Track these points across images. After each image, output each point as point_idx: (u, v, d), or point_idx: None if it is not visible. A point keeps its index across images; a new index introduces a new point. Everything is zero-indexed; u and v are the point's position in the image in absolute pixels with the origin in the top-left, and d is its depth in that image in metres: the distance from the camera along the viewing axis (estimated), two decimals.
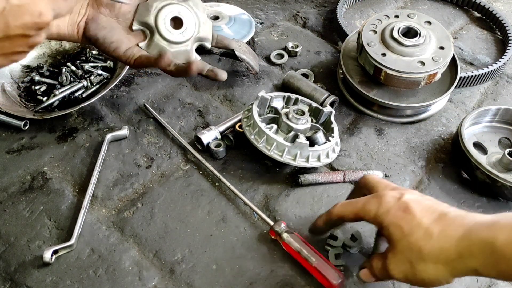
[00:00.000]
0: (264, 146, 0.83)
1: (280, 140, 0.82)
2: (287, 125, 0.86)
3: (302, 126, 0.86)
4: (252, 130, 0.85)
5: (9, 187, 0.85)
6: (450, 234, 0.59)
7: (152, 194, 0.85)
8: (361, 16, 1.31)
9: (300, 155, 0.83)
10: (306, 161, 0.84)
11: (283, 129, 0.86)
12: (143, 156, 0.91)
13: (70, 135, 0.94)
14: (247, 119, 0.87)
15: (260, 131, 0.83)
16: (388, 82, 0.95)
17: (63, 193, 0.84)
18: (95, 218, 0.81)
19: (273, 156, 0.82)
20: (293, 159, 0.83)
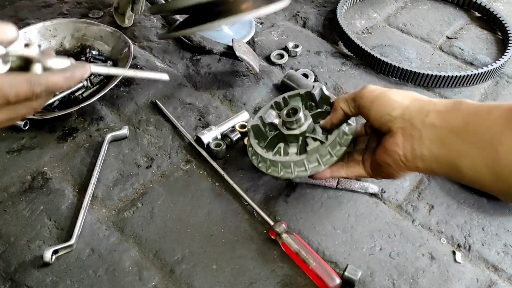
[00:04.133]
0: (285, 172, 0.75)
1: (294, 158, 0.74)
2: (290, 135, 0.77)
3: (303, 126, 0.76)
4: (265, 163, 0.77)
5: (9, 187, 0.85)
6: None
7: (152, 194, 0.85)
8: (361, 16, 1.31)
9: (321, 156, 0.74)
10: (331, 156, 0.74)
11: (291, 140, 0.78)
12: (143, 156, 0.91)
13: (70, 135, 0.94)
14: (255, 156, 0.80)
15: (271, 162, 0.76)
16: None
17: (63, 193, 0.84)
18: (95, 218, 0.81)
19: (301, 175, 0.75)
20: (317, 164, 0.74)
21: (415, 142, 0.60)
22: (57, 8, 1.27)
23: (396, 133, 0.62)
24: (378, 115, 0.65)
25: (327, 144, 0.73)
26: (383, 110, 0.64)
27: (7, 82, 0.52)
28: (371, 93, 0.66)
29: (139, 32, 1.21)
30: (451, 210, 0.83)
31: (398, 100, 0.63)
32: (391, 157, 0.64)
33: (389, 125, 0.63)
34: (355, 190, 0.86)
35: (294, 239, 0.74)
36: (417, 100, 0.63)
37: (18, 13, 1.25)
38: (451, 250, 0.77)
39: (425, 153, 0.59)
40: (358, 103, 0.68)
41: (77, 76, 0.59)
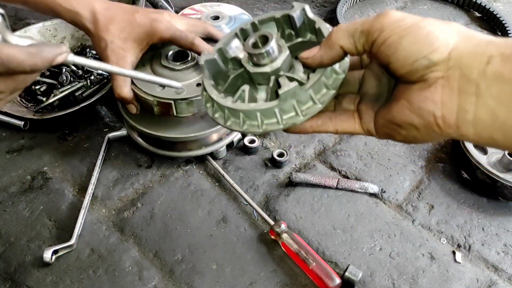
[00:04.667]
0: (249, 125, 0.54)
1: (261, 106, 0.52)
2: (258, 74, 0.55)
3: (277, 61, 0.54)
4: (223, 113, 0.56)
5: (9, 187, 0.85)
6: None
7: (152, 194, 0.85)
8: (361, 16, 1.31)
9: (300, 103, 0.52)
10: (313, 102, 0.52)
11: (259, 81, 0.56)
12: (143, 156, 0.91)
13: (70, 135, 0.94)
14: (210, 103, 0.58)
15: (230, 111, 0.54)
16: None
17: (63, 193, 0.84)
18: (95, 218, 0.81)
19: (271, 129, 0.53)
20: (294, 113, 0.52)
21: (467, 100, 0.42)
22: None
23: (434, 84, 0.43)
24: (408, 58, 0.43)
25: (308, 85, 0.51)
26: (418, 51, 0.43)
27: None
28: (398, 23, 0.43)
29: None
30: (451, 210, 0.83)
31: (441, 37, 0.43)
32: (421, 118, 0.45)
33: (425, 73, 0.43)
34: (355, 190, 0.86)
35: (294, 239, 0.74)
36: (470, 37, 0.43)
37: (18, 13, 1.25)
38: (451, 250, 0.77)
39: (484, 116, 0.41)
40: (374, 38, 0.45)
41: (46, 56, 0.49)
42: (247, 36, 0.58)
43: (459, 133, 0.44)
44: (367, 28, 0.45)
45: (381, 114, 0.50)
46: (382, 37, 0.44)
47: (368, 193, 0.86)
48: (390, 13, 0.45)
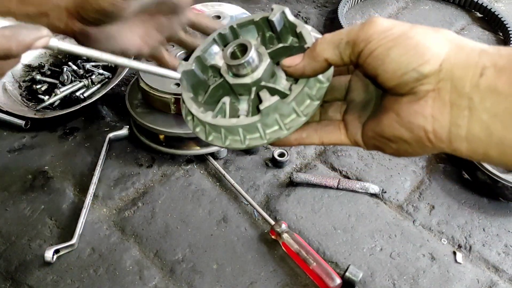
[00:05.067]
0: (232, 140, 0.51)
1: (242, 121, 0.49)
2: (238, 85, 0.51)
3: (257, 71, 0.51)
4: (204, 127, 0.52)
5: (10, 186, 0.85)
6: None
7: (153, 193, 0.85)
8: (363, 16, 1.31)
9: (282, 117, 0.49)
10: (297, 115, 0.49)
11: (240, 92, 0.53)
12: (144, 156, 0.91)
13: (71, 134, 0.94)
14: (190, 117, 0.54)
15: (212, 126, 0.51)
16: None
17: (64, 193, 0.84)
18: (96, 218, 0.81)
19: (254, 144, 0.51)
20: (277, 128, 0.49)
21: (459, 114, 0.39)
22: None
23: (424, 97, 0.41)
24: (397, 71, 0.41)
25: (290, 98, 0.48)
26: (407, 63, 0.40)
27: None
28: (385, 33, 0.41)
29: None
30: (452, 210, 0.83)
31: (432, 47, 0.40)
32: (411, 133, 0.42)
33: (414, 86, 0.41)
34: (355, 190, 0.86)
35: (295, 239, 0.74)
36: (462, 47, 0.40)
37: None
38: (452, 251, 0.77)
39: (478, 132, 0.39)
40: (360, 49, 0.42)
41: (23, 40, 0.44)
42: (226, 42, 0.55)
43: (452, 148, 0.41)
44: (353, 38, 0.43)
45: (369, 126, 0.47)
46: (368, 48, 0.41)
47: (369, 193, 0.86)
48: (377, 22, 0.42)
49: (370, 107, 0.49)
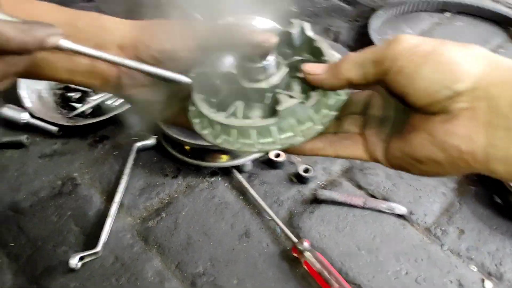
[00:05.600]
0: (243, 143, 0.49)
1: (257, 122, 0.48)
2: (253, 89, 0.51)
3: (274, 77, 0.51)
4: (213, 129, 0.50)
5: (39, 191, 0.87)
6: None
7: (177, 204, 0.86)
8: (394, 31, 1.29)
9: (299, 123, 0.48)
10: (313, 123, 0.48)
11: (254, 98, 0.52)
12: (170, 166, 0.92)
13: (101, 142, 0.96)
14: (199, 119, 0.52)
15: (223, 127, 0.50)
16: None
17: (91, 200, 0.86)
18: (120, 226, 0.82)
19: (266, 149, 0.49)
20: (292, 134, 0.48)
21: (496, 135, 0.38)
22: None
23: (458, 116, 0.39)
24: (428, 89, 0.39)
25: (308, 104, 0.48)
26: (439, 81, 0.39)
27: None
28: (414, 50, 0.40)
29: None
30: (482, 236, 0.80)
31: (464, 64, 0.39)
32: (446, 154, 0.41)
33: (448, 104, 0.39)
34: (382, 210, 0.84)
35: (317, 258, 0.73)
36: (497, 64, 0.39)
37: None
38: (481, 278, 0.74)
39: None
40: (387, 68, 0.41)
41: (39, 35, 0.44)
42: None
43: (488, 169, 0.40)
44: (379, 57, 0.41)
45: (396, 145, 0.45)
46: (396, 67, 0.40)
47: (395, 214, 0.84)
48: (404, 39, 0.41)
49: (389, 122, 0.48)
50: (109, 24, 0.58)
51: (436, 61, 0.39)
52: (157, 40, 0.55)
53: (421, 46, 0.40)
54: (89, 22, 0.58)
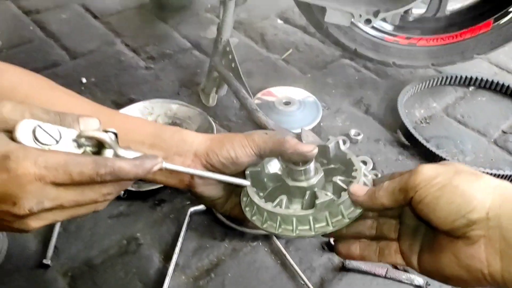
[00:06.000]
0: (284, 229, 0.63)
1: (297, 212, 0.62)
2: (295, 187, 0.67)
3: (313, 179, 0.67)
4: (261, 216, 0.65)
5: (109, 249, 1.03)
6: None
7: (223, 266, 1.00)
8: (421, 105, 1.42)
9: (331, 215, 0.62)
10: (342, 216, 0.62)
11: (295, 194, 0.68)
12: (218, 230, 1.07)
13: (159, 205, 1.12)
14: (249, 207, 0.68)
15: (269, 214, 0.63)
16: None
17: (152, 259, 1.01)
18: (176, 284, 0.96)
19: (303, 235, 0.62)
20: (325, 224, 0.62)
21: (510, 263, 0.45)
22: (154, 84, 1.49)
23: (477, 242, 0.47)
24: (447, 217, 0.48)
25: (339, 201, 0.60)
26: (456, 211, 0.47)
27: (73, 159, 0.52)
28: (431, 182, 0.49)
29: (220, 112, 1.39)
30: None
31: (477, 196, 0.47)
32: (470, 274, 0.48)
33: (466, 231, 0.47)
34: (402, 280, 0.96)
35: None
36: (506, 196, 0.47)
37: (121, 88, 1.47)
38: None
39: None
40: (411, 196, 0.51)
41: (147, 166, 0.56)
42: None
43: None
44: (404, 186, 0.51)
45: (427, 260, 0.54)
46: (418, 196, 0.50)
47: (414, 285, 0.95)
48: (422, 171, 0.50)
49: (421, 231, 0.58)
50: (188, 137, 0.76)
51: (452, 193, 0.48)
52: (224, 150, 0.72)
53: (437, 177, 0.49)
54: (171, 135, 0.75)
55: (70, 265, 0.98)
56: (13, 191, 0.49)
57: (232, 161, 0.72)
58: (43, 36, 1.67)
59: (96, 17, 1.80)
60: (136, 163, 0.56)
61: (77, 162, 0.52)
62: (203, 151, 0.73)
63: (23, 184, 0.49)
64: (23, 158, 0.49)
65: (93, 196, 0.55)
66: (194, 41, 1.69)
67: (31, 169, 0.49)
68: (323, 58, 1.63)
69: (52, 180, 0.50)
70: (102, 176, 0.53)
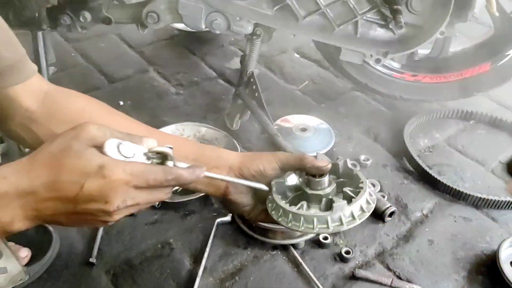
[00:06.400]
0: (306, 227, 0.82)
1: (317, 213, 0.82)
2: (313, 195, 0.86)
3: (327, 189, 0.86)
4: (286, 217, 0.85)
5: (146, 251, 1.16)
6: None
7: (246, 271, 1.12)
8: (425, 135, 1.56)
9: (344, 217, 0.81)
10: (353, 218, 0.81)
11: (313, 200, 0.86)
12: (242, 239, 1.20)
13: (189, 216, 1.26)
14: (275, 211, 0.87)
15: (294, 215, 0.83)
16: None
17: (183, 262, 1.14)
18: (204, 285, 1.09)
19: (321, 232, 0.85)
20: (339, 223, 0.81)
21: None
22: (183, 109, 1.65)
23: None
24: None
25: (352, 205, 0.80)
26: None
27: (149, 168, 0.67)
28: None
29: (243, 135, 1.54)
30: None
31: None
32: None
33: None
34: None
35: None
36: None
37: (154, 111, 1.63)
38: None
39: None
40: None
41: (197, 173, 0.72)
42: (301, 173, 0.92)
43: None
44: None
45: None
46: None
47: None
48: None
49: None
50: (223, 154, 0.92)
51: None
52: (254, 164, 0.88)
53: None
54: (211, 153, 0.91)
55: (112, 264, 1.12)
56: (107, 192, 0.65)
57: (260, 173, 0.89)
58: (84, 62, 1.86)
59: (131, 46, 1.98)
60: (190, 171, 0.73)
61: (152, 171, 0.68)
62: (237, 166, 0.89)
63: (115, 187, 0.65)
64: (115, 167, 0.65)
65: (159, 196, 0.71)
66: (219, 71, 1.86)
67: (121, 175, 0.65)
68: (336, 90, 1.79)
69: (134, 184, 0.66)
70: (169, 181, 0.70)
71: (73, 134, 0.65)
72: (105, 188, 0.63)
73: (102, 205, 0.65)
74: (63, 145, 0.65)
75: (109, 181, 0.63)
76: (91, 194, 0.63)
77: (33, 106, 0.84)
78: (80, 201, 0.63)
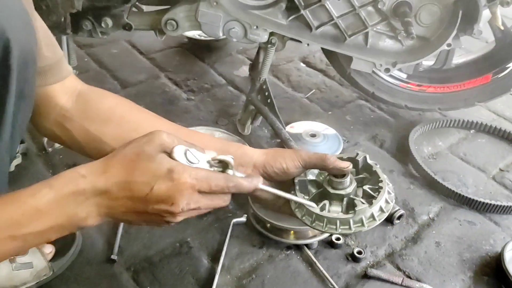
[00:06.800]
0: (329, 228, 0.85)
1: (340, 216, 0.85)
2: (335, 194, 0.88)
3: (348, 189, 0.88)
4: (310, 217, 0.87)
5: (165, 249, 1.20)
6: None
7: (262, 269, 1.17)
8: (429, 143, 1.62)
9: (366, 218, 0.84)
10: (373, 219, 0.84)
11: (335, 199, 0.89)
12: (257, 239, 1.24)
13: (205, 216, 1.29)
14: (299, 209, 0.89)
15: (317, 216, 0.86)
16: None
17: (201, 260, 1.18)
18: (222, 282, 1.13)
19: (343, 232, 0.85)
20: (361, 224, 0.84)
21: None
22: (195, 114, 1.70)
23: None
24: None
25: (372, 207, 0.83)
26: None
27: (212, 175, 0.71)
28: None
29: (254, 140, 1.59)
30: None
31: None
32: None
33: None
34: None
35: None
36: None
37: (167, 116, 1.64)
38: None
39: None
40: None
41: (254, 183, 0.77)
42: None
43: None
44: None
45: None
46: None
47: None
48: None
49: None
50: (248, 151, 0.96)
51: None
52: (277, 163, 0.93)
53: None
54: (236, 150, 0.96)
55: (133, 262, 1.16)
56: (174, 195, 0.69)
57: (283, 171, 0.93)
58: (97, 68, 1.90)
59: (142, 53, 2.03)
60: (249, 180, 0.78)
61: (215, 177, 0.71)
62: (261, 164, 0.94)
63: (181, 190, 0.69)
64: (183, 172, 0.70)
65: (219, 202, 0.74)
66: (228, 78, 1.91)
67: (188, 179, 0.69)
68: (342, 98, 1.85)
69: (198, 188, 0.71)
70: (229, 188, 0.73)
71: (145, 140, 0.70)
72: (172, 190, 0.68)
73: (168, 206, 0.68)
74: (137, 149, 0.69)
75: (177, 184, 0.67)
76: (159, 195, 0.67)
77: (68, 104, 0.89)
78: (149, 201, 0.67)
